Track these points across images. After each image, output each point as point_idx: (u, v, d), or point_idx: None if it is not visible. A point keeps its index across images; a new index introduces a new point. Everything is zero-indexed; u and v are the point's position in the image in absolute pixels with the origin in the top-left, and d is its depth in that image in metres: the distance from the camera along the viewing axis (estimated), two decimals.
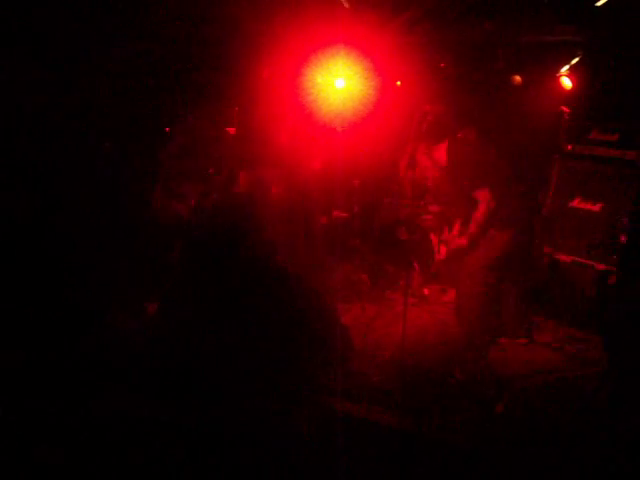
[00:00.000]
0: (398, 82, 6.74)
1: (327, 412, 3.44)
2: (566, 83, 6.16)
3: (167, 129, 5.68)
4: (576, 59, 6.05)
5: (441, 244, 5.29)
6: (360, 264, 6.52)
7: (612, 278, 4.84)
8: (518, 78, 6.39)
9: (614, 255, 4.92)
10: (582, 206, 5.54)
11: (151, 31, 5.56)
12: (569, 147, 5.74)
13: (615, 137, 5.46)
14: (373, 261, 6.36)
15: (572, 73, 6.12)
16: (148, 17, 5.43)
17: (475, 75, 6.49)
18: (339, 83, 5.49)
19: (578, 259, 5.35)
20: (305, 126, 5.72)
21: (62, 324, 3.17)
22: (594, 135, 5.63)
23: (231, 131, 5.68)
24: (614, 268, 4.85)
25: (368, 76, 5.48)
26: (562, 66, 6.16)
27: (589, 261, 5.23)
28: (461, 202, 4.82)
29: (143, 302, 4.55)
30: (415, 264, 5.90)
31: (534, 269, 5.59)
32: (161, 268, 4.97)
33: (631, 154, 5.27)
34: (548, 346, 4.95)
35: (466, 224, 4.75)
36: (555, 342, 5.03)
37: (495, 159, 4.78)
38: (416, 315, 5.45)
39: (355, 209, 6.70)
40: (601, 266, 5.05)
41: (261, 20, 5.58)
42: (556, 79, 6.18)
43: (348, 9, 5.45)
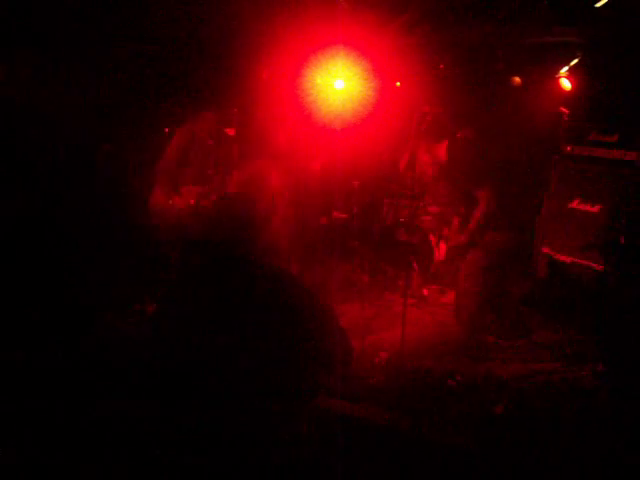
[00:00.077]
0: (397, 83, 6.75)
1: (326, 413, 3.44)
2: (565, 84, 6.16)
3: (166, 129, 5.68)
4: (575, 60, 6.06)
5: (441, 240, 5.30)
6: (359, 265, 6.52)
7: (611, 279, 4.84)
8: (517, 79, 6.40)
9: (613, 256, 4.93)
10: (581, 207, 5.55)
11: (151, 32, 5.56)
12: (568, 148, 5.75)
13: (614, 138, 5.47)
14: (372, 262, 6.35)
15: (571, 74, 6.12)
16: (148, 18, 5.44)
17: (474, 76, 6.50)
18: (338, 84, 5.48)
19: (577, 260, 5.35)
20: (304, 127, 5.72)
21: (62, 324, 3.16)
22: (593, 136, 5.64)
23: (230, 132, 5.68)
24: (613, 269, 4.86)
25: (367, 77, 5.48)
26: (561, 67, 6.17)
27: (588, 262, 5.24)
28: (460, 202, 4.82)
29: (142, 302, 4.55)
30: (414, 265, 5.90)
31: (533, 270, 5.60)
32: (160, 268, 4.98)
33: (630, 155, 5.28)
34: (547, 346, 4.95)
35: (465, 222, 4.76)
36: (554, 342, 5.03)
37: (494, 160, 4.79)
38: (415, 316, 5.45)
39: (354, 210, 6.69)
40: (600, 267, 5.05)
41: (261, 21, 5.58)
42: (555, 80, 6.19)
43: (347, 10, 5.45)
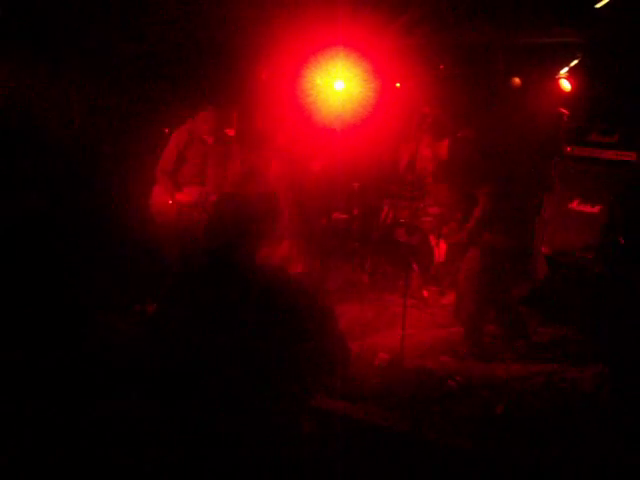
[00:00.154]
0: (397, 84, 6.76)
1: (327, 413, 3.44)
2: (565, 85, 6.16)
3: (166, 130, 5.68)
4: (575, 61, 6.06)
5: (440, 238, 5.28)
6: (359, 265, 6.52)
7: (610, 279, 4.84)
8: (517, 80, 6.40)
9: (613, 256, 4.92)
10: (581, 208, 5.55)
11: (151, 33, 5.57)
12: (568, 149, 5.75)
13: (614, 139, 5.48)
14: (372, 263, 6.35)
15: (571, 75, 6.13)
16: (148, 18, 5.44)
17: (474, 77, 6.50)
18: (338, 85, 5.48)
19: (577, 260, 5.35)
20: (304, 128, 5.72)
21: (62, 324, 3.16)
22: (593, 137, 5.64)
23: (230, 132, 5.69)
24: (612, 269, 4.85)
25: (367, 78, 5.48)
26: (561, 68, 6.17)
27: (588, 262, 5.23)
28: (460, 202, 4.81)
29: (142, 302, 4.56)
30: (414, 266, 5.90)
31: (533, 270, 5.60)
32: (160, 268, 4.98)
33: (630, 156, 5.28)
34: (547, 347, 4.95)
35: (465, 221, 4.74)
36: (555, 343, 5.02)
37: (494, 160, 4.78)
38: (415, 317, 5.45)
39: (355, 211, 6.70)
40: (600, 267, 5.05)
41: (261, 22, 5.58)
42: (555, 81, 6.19)
43: (347, 11, 5.45)
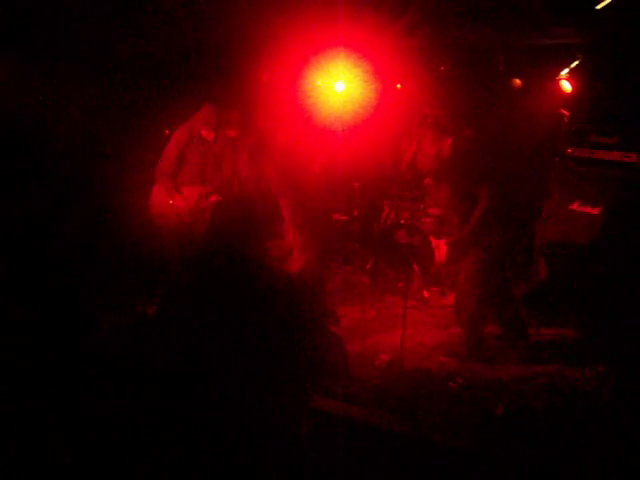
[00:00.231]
0: (398, 85, 6.76)
1: (327, 414, 3.43)
2: (566, 86, 6.15)
3: (167, 131, 5.69)
4: (576, 62, 6.05)
5: (441, 238, 5.27)
6: (360, 267, 6.52)
7: (611, 280, 4.85)
8: (518, 81, 6.40)
9: (613, 257, 4.93)
10: (582, 209, 5.55)
11: (152, 33, 5.57)
12: (569, 150, 5.75)
13: (615, 140, 5.48)
14: (373, 264, 6.35)
15: (572, 76, 6.12)
16: (149, 19, 5.44)
17: (475, 78, 6.50)
18: (339, 86, 5.49)
19: (577, 261, 5.35)
20: (305, 129, 5.71)
21: (61, 324, 3.17)
22: (594, 138, 5.64)
23: (231, 133, 5.69)
24: (613, 270, 4.86)
25: (368, 79, 5.48)
26: (562, 69, 6.16)
27: (588, 263, 5.23)
28: (461, 202, 4.80)
29: (142, 302, 4.55)
30: (415, 267, 5.90)
31: (533, 271, 5.60)
32: (160, 268, 4.98)
33: (631, 157, 5.29)
34: (548, 347, 4.95)
35: (466, 220, 4.73)
36: (555, 343, 5.02)
37: (495, 160, 4.78)
38: (416, 318, 5.45)
39: (355, 212, 6.70)
40: (600, 268, 5.06)
41: (261, 23, 5.58)
42: (556, 82, 6.18)
43: (348, 12, 5.45)
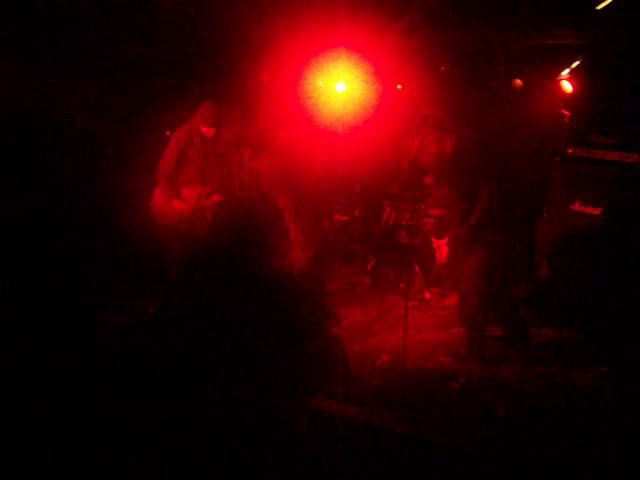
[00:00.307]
0: (399, 86, 6.76)
1: (328, 414, 3.43)
2: (566, 87, 6.16)
3: (168, 132, 5.69)
4: (576, 63, 6.06)
5: (442, 237, 5.26)
6: (361, 267, 6.52)
7: (611, 280, 4.84)
8: (519, 82, 6.40)
9: (613, 257, 4.93)
10: (582, 209, 5.55)
11: (153, 34, 5.57)
12: (570, 150, 5.75)
13: (615, 140, 5.48)
14: (374, 264, 6.35)
15: (572, 77, 6.12)
16: (150, 20, 5.45)
17: (475, 79, 6.51)
18: (340, 87, 5.50)
19: (578, 261, 5.35)
20: (306, 130, 5.72)
21: (62, 324, 3.17)
22: (594, 138, 5.65)
23: (230, 133, 5.69)
24: (614, 270, 4.86)
25: (368, 80, 5.49)
26: (562, 70, 6.17)
27: (589, 263, 5.23)
28: (462, 202, 4.79)
29: (142, 302, 4.56)
30: (416, 267, 5.89)
31: (534, 271, 5.60)
32: (160, 268, 4.99)
33: (632, 157, 5.29)
34: (549, 348, 4.94)
35: (466, 218, 4.71)
36: (556, 344, 5.02)
37: (495, 160, 4.78)
38: (417, 318, 5.44)
39: (356, 213, 6.71)
40: (601, 268, 5.05)
41: (262, 24, 5.59)
42: (556, 83, 6.19)
43: (349, 13, 5.46)
